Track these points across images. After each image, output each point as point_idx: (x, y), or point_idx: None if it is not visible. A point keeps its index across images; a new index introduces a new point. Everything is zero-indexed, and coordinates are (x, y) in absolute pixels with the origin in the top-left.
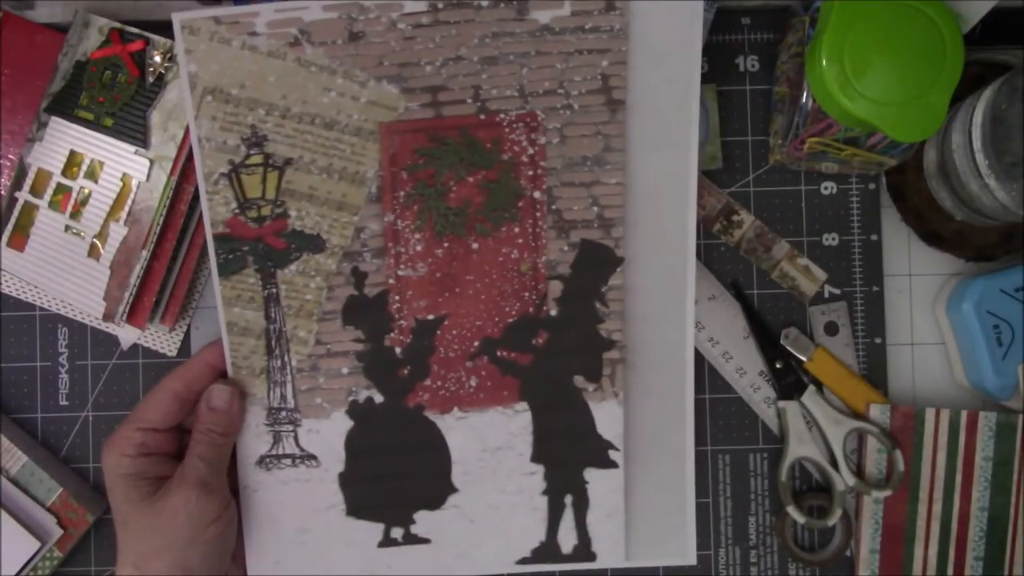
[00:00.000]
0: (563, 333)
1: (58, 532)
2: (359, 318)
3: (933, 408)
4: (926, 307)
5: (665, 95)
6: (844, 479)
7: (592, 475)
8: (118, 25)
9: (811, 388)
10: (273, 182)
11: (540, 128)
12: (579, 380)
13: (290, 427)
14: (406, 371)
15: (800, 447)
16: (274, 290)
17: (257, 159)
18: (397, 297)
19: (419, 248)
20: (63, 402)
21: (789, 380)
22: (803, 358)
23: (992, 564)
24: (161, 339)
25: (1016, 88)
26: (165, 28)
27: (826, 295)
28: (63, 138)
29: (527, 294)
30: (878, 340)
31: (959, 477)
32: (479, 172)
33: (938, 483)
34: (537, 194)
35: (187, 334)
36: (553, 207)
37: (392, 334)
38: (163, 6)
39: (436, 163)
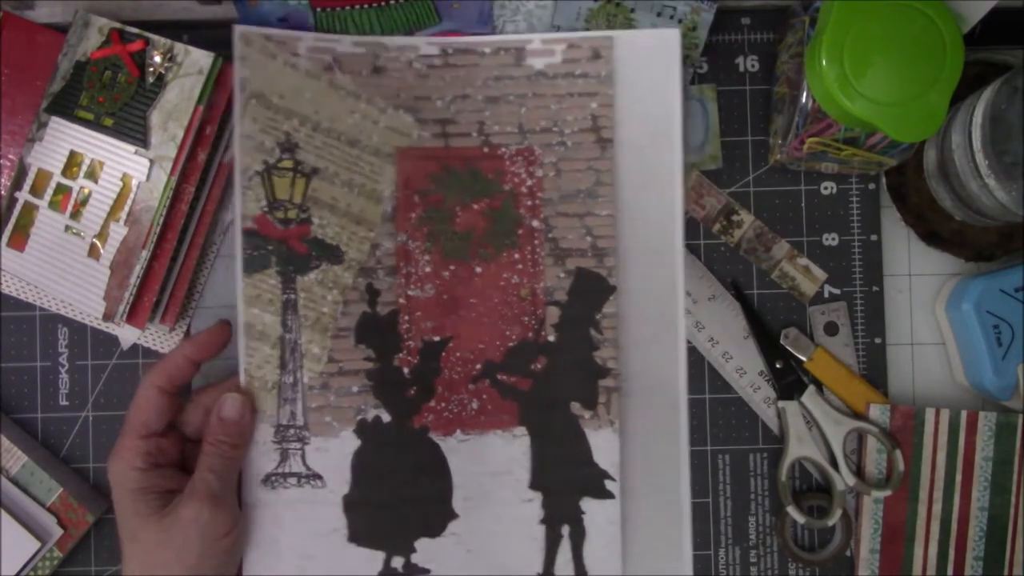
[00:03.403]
0: (560, 359)
1: (58, 532)
2: (371, 336)
3: (933, 408)
4: (926, 307)
5: (649, 135)
6: (844, 479)
7: (589, 505)
8: (118, 25)
9: (811, 388)
10: (300, 188)
11: (537, 162)
12: (576, 407)
13: (298, 445)
14: (413, 391)
15: (800, 447)
16: (292, 296)
17: (288, 163)
18: (407, 317)
19: (428, 269)
20: (63, 402)
21: (789, 380)
22: (803, 358)
23: (992, 564)
24: (161, 339)
25: (1016, 88)
26: (165, 28)
27: (826, 295)
28: (63, 138)
29: (526, 319)
30: (878, 340)
31: (959, 477)
32: (483, 200)
33: (938, 483)
34: (535, 223)
35: (187, 334)
36: (550, 236)
37: (401, 354)
38: (163, 6)
39: (444, 189)
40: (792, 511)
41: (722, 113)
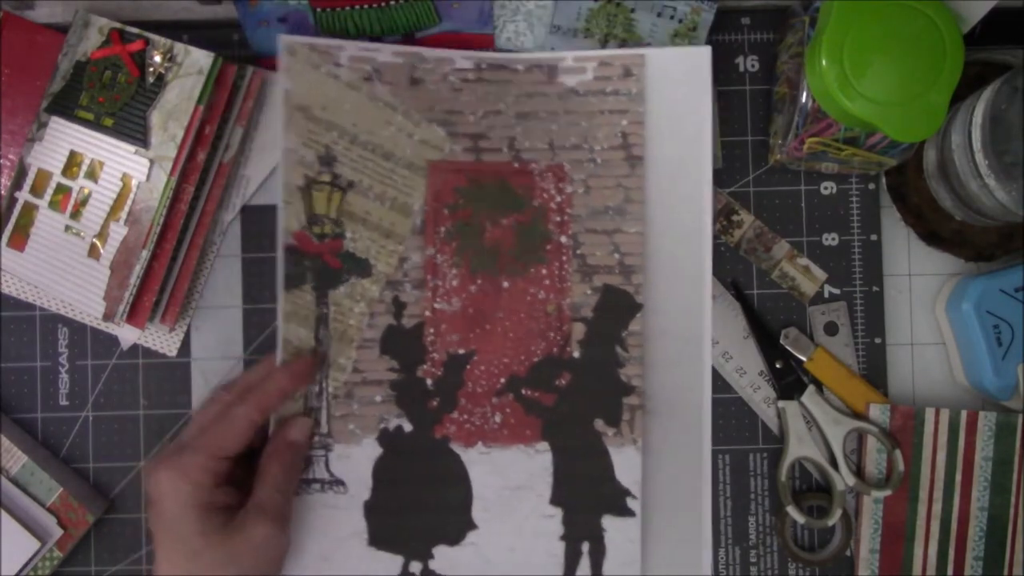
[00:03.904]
0: (585, 375)
1: (58, 532)
2: (395, 348)
3: (933, 408)
4: (926, 307)
5: (679, 153)
6: (844, 479)
7: (609, 523)
8: (118, 25)
9: (811, 388)
10: (336, 202)
11: (567, 178)
12: (599, 424)
13: (322, 452)
14: (435, 403)
15: (800, 447)
16: (325, 311)
17: (327, 177)
18: (432, 330)
19: (455, 283)
20: (63, 402)
21: (789, 380)
22: (803, 358)
23: (992, 564)
24: (161, 339)
25: (1016, 88)
26: (165, 28)
27: (826, 295)
28: (63, 138)
29: (552, 334)
30: (878, 340)
31: (959, 477)
32: (512, 215)
33: (938, 483)
34: (564, 239)
35: (187, 334)
36: (578, 252)
37: (425, 366)
38: (163, 6)
39: (474, 203)
40: (792, 511)
41: (722, 113)
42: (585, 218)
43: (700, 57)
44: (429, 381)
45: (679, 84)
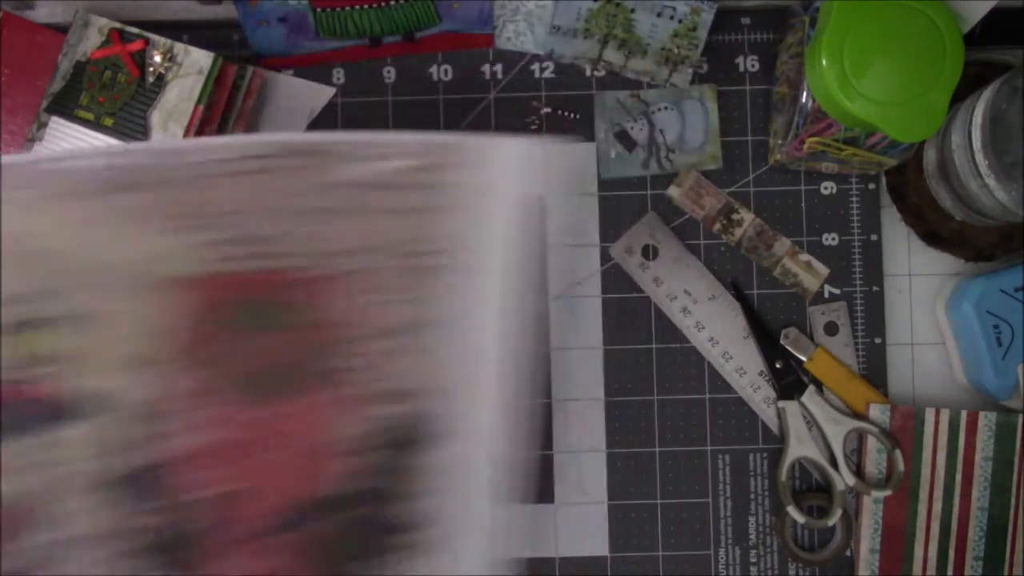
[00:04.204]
0: (361, 511)
1: None
2: (130, 492)
3: (933, 408)
4: (926, 307)
5: (502, 262)
6: (844, 479)
7: None
8: (118, 25)
9: (811, 388)
10: (57, 340)
11: (356, 289)
12: (378, 561)
13: None
14: (183, 554)
15: (800, 447)
16: (37, 458)
17: (44, 314)
18: (178, 468)
19: (211, 413)
20: None
21: (789, 380)
22: (803, 358)
23: (992, 564)
24: None
25: (1016, 88)
26: (165, 28)
27: (826, 295)
28: (63, 138)
29: (326, 467)
30: (878, 340)
31: (959, 477)
32: (285, 332)
33: (938, 483)
34: (345, 360)
35: None
36: (361, 375)
37: (169, 512)
38: (163, 6)
39: (242, 321)
40: (792, 511)
41: (722, 113)
42: (372, 336)
43: (539, 155)
44: (175, 530)
45: (513, 184)
